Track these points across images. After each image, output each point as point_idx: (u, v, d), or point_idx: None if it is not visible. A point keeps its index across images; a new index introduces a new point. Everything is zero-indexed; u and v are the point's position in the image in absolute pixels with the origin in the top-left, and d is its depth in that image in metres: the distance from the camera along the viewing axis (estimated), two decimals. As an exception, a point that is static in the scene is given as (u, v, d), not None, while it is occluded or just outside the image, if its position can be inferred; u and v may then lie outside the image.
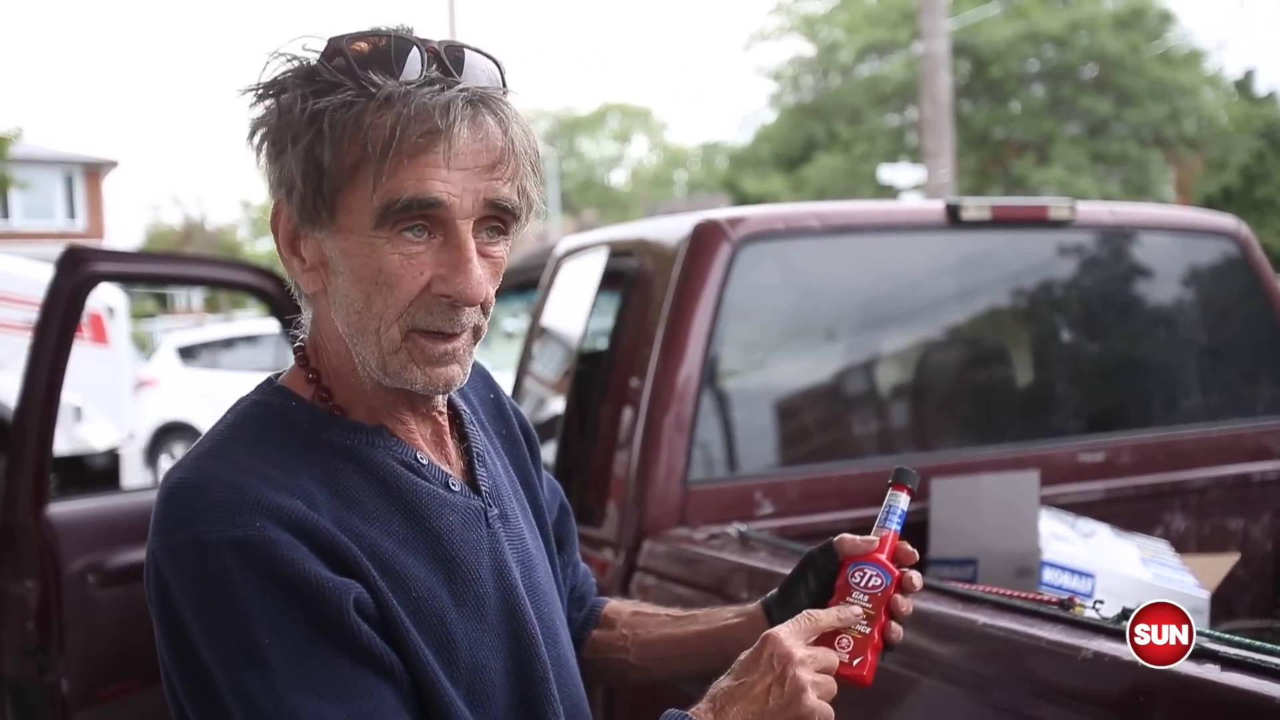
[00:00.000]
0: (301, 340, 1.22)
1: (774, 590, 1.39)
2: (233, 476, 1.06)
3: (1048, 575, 2.34)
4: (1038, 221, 2.99)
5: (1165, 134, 25.59)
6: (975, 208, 2.86)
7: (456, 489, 1.21)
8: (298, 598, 1.03)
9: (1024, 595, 1.77)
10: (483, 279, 1.10)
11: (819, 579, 1.32)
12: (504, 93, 1.12)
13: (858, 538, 1.30)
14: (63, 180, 34.70)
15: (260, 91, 1.10)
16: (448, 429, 1.26)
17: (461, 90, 1.07)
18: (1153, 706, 1.37)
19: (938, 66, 13.63)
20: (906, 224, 2.95)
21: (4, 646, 3.13)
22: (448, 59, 1.10)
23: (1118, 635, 1.43)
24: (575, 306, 3.10)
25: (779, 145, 30.71)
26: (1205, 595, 2.40)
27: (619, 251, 2.91)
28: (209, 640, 1.04)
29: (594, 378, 2.77)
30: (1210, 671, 1.34)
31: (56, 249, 3.41)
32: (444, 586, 1.14)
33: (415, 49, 1.09)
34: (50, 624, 3.03)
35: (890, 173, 21.86)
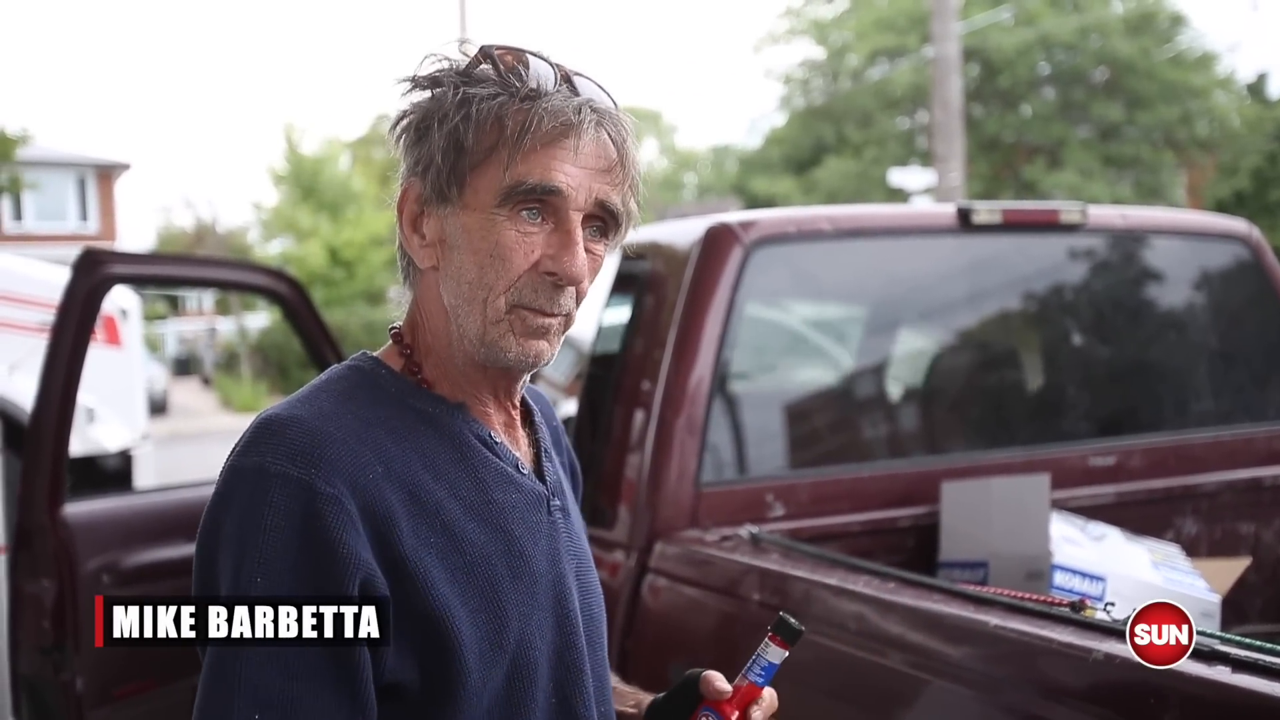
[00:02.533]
0: (397, 322, 1.30)
1: (661, 695, 1.40)
2: (315, 423, 1.14)
3: (1058, 578, 2.35)
4: (1049, 225, 2.99)
5: (1177, 137, 25.51)
6: (986, 211, 2.87)
7: (524, 472, 1.27)
8: (308, 553, 1.08)
9: (1035, 597, 1.77)
10: (585, 264, 1.20)
11: (691, 706, 1.32)
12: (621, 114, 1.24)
13: (719, 681, 1.29)
14: (75, 182, 34.86)
15: (416, 83, 1.22)
16: (519, 422, 1.33)
17: (589, 101, 1.20)
18: (1163, 708, 1.37)
19: (948, 70, 13.61)
20: (918, 228, 2.96)
21: (20, 645, 3.16)
22: (575, 81, 1.22)
23: (1129, 637, 1.43)
24: (586, 309, 3.11)
25: (789, 149, 30.68)
26: (1216, 599, 2.40)
27: (631, 254, 2.92)
28: (226, 553, 1.10)
29: (606, 380, 2.78)
30: (1220, 673, 1.35)
31: (69, 251, 3.44)
32: (501, 556, 1.20)
33: (549, 66, 1.22)
34: (66, 623, 3.05)
35: (901, 176, 21.83)
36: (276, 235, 33.75)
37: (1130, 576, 2.37)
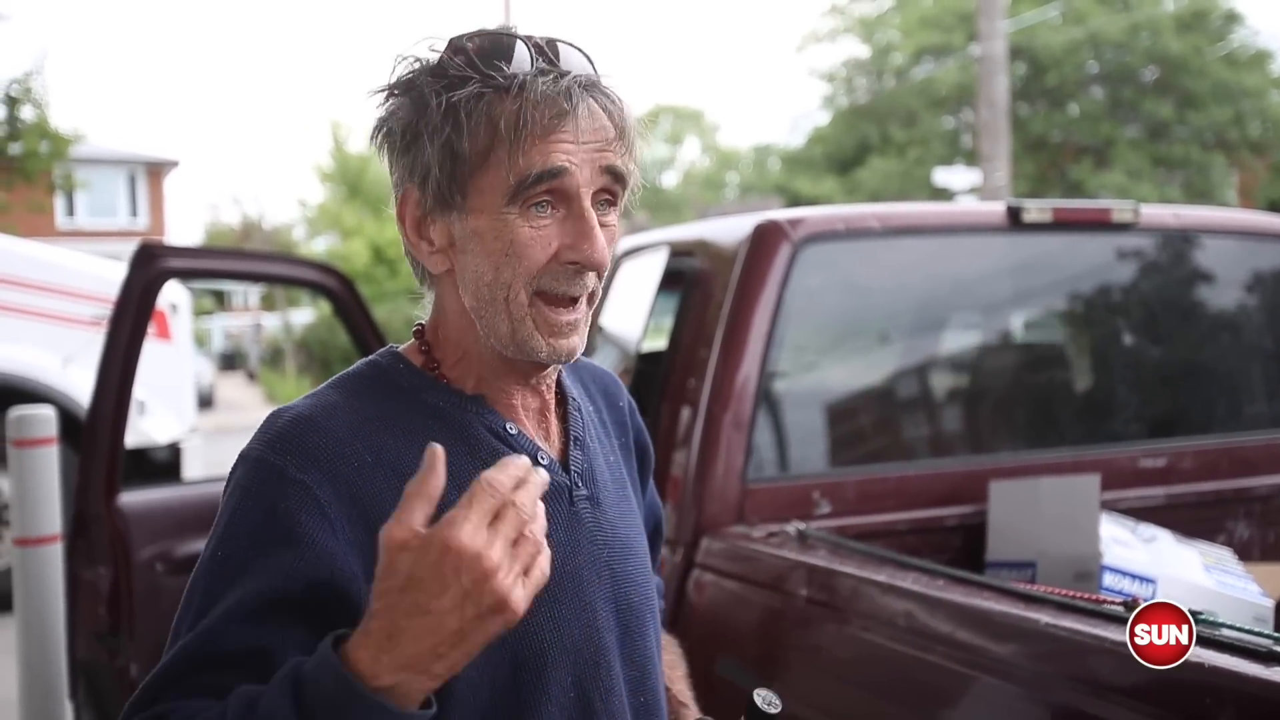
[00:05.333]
0: (420, 321, 1.31)
1: None
2: (308, 413, 1.18)
3: (1108, 580, 2.33)
4: (1100, 224, 2.97)
5: (1229, 137, 25.12)
6: (1036, 210, 2.85)
7: (544, 462, 1.26)
8: (263, 532, 1.11)
9: (1085, 596, 1.77)
10: (604, 246, 1.20)
11: None
12: (606, 80, 1.22)
13: None
14: (126, 179, 35.44)
15: (391, 90, 1.20)
16: (553, 407, 1.32)
17: (574, 78, 1.18)
18: (1219, 708, 1.36)
19: (995, 69, 13.49)
20: (967, 226, 2.94)
21: (78, 631, 3.22)
22: (550, 52, 1.20)
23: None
24: (634, 306, 3.13)
25: (832, 148, 30.56)
26: (1270, 604, 2.37)
27: (679, 251, 2.93)
28: (213, 526, 1.17)
29: (653, 377, 2.79)
30: (1278, 674, 1.33)
31: (120, 246, 3.49)
32: None
33: (521, 44, 1.19)
34: (121, 609, 3.11)
35: (945, 176, 21.63)
36: (321, 233, 34.09)
37: (1181, 579, 2.34)
